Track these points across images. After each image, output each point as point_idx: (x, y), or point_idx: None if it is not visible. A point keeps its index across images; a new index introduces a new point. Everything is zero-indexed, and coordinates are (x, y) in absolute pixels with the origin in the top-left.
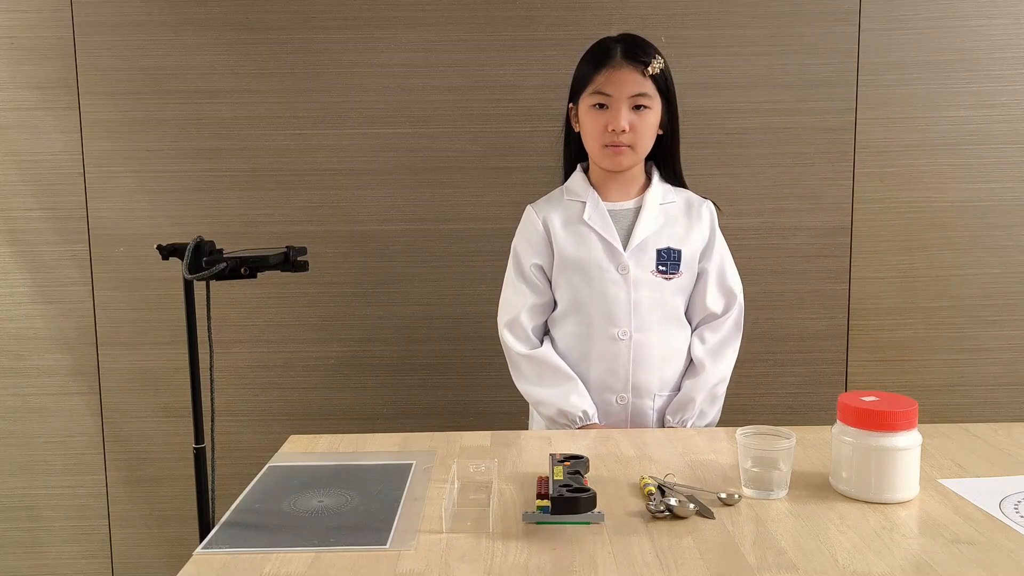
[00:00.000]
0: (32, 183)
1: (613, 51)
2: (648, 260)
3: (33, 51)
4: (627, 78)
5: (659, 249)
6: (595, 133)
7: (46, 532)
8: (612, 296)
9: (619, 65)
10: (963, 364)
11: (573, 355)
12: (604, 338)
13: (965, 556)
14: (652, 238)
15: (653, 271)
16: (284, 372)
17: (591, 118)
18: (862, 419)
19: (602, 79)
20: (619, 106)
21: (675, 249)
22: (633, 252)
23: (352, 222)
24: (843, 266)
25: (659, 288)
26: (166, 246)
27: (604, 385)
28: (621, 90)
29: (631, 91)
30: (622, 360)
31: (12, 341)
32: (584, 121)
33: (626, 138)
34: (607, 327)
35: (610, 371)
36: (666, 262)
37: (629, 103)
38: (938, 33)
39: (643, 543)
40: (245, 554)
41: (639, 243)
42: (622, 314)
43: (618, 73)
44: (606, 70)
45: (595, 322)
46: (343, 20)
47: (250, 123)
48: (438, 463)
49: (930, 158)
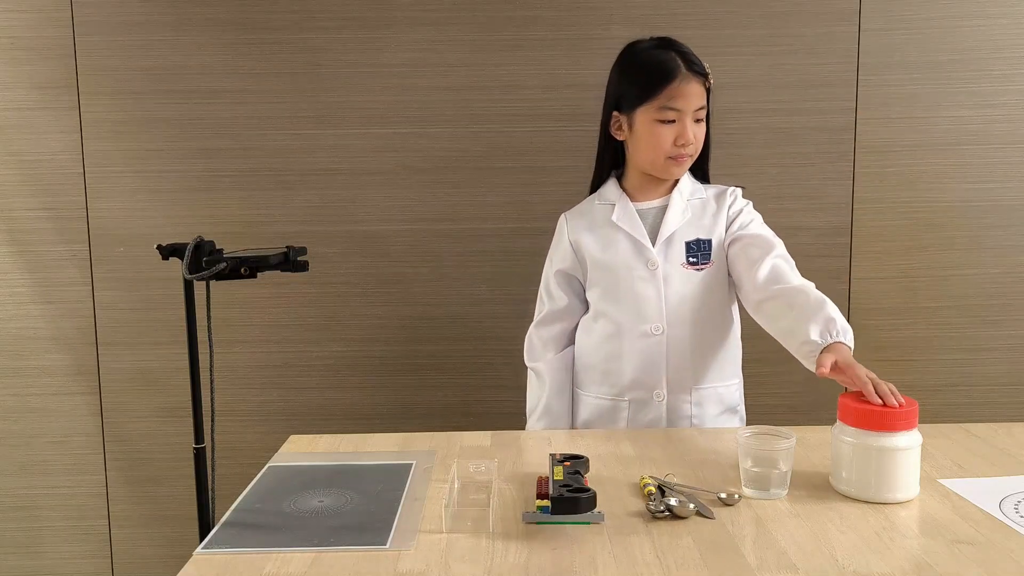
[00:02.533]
0: (32, 183)
1: (675, 64)
2: (677, 253)
3: (33, 51)
4: (694, 92)
5: (688, 241)
6: (659, 146)
7: (46, 532)
8: (642, 293)
9: (687, 79)
10: (963, 364)
11: (604, 355)
12: (635, 335)
13: (965, 556)
14: (680, 231)
15: (683, 264)
16: (284, 372)
17: (655, 131)
18: (862, 419)
19: (672, 93)
20: (686, 119)
21: (704, 239)
22: (661, 247)
23: (352, 222)
24: (843, 266)
25: (690, 281)
26: (166, 246)
27: (638, 383)
28: (688, 104)
29: (696, 104)
30: (655, 356)
31: (12, 341)
32: (644, 132)
33: (690, 149)
34: (638, 324)
35: (643, 368)
36: (696, 253)
37: (693, 115)
38: (938, 33)
39: (643, 543)
40: (245, 554)
41: (667, 237)
42: (653, 310)
43: (687, 87)
44: (675, 84)
45: (626, 320)
46: (343, 20)
47: (250, 123)
48: (438, 463)
49: (930, 158)
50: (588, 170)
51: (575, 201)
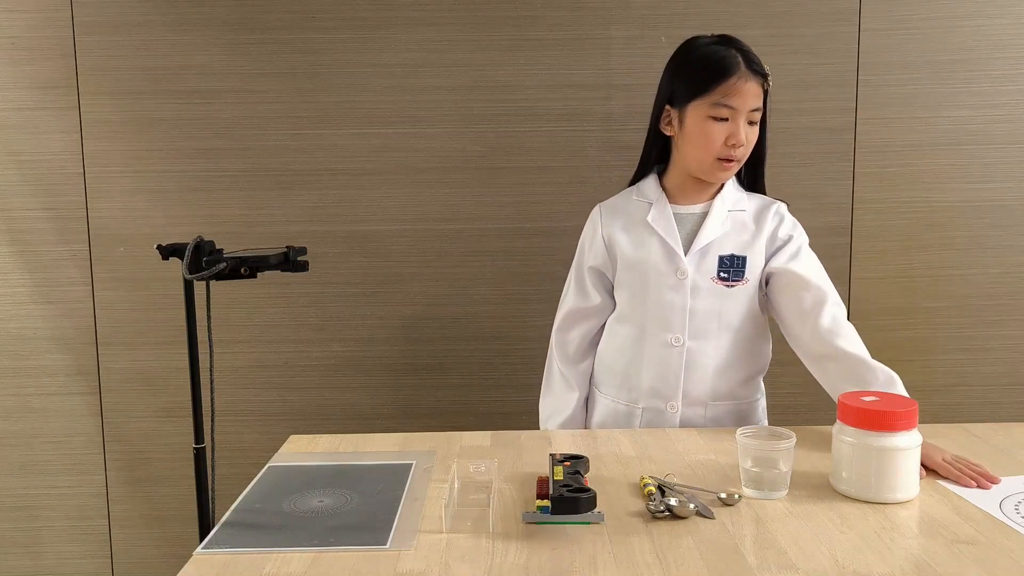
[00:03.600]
0: (32, 183)
1: (735, 60)
2: (709, 266)
3: (33, 51)
4: (751, 91)
5: (722, 256)
6: (709, 144)
7: (46, 532)
8: (668, 301)
9: (745, 77)
10: (963, 364)
11: (624, 359)
12: (657, 344)
13: (965, 556)
14: (716, 244)
15: (714, 278)
16: (284, 372)
17: (707, 128)
18: (862, 419)
19: (728, 90)
20: (740, 119)
21: (739, 256)
22: (693, 256)
23: (352, 222)
24: (843, 266)
25: (719, 296)
26: (166, 246)
27: (655, 391)
28: (744, 103)
29: (752, 105)
30: (674, 367)
31: (12, 341)
32: (695, 129)
33: (740, 152)
34: (661, 332)
35: (661, 377)
36: (728, 269)
37: (747, 116)
38: (938, 33)
39: (643, 543)
40: (245, 554)
41: (701, 248)
42: (677, 320)
43: (745, 85)
44: (732, 80)
45: (649, 326)
46: (343, 20)
47: (250, 123)
48: (438, 463)
49: (930, 158)
50: (588, 170)
51: (575, 201)
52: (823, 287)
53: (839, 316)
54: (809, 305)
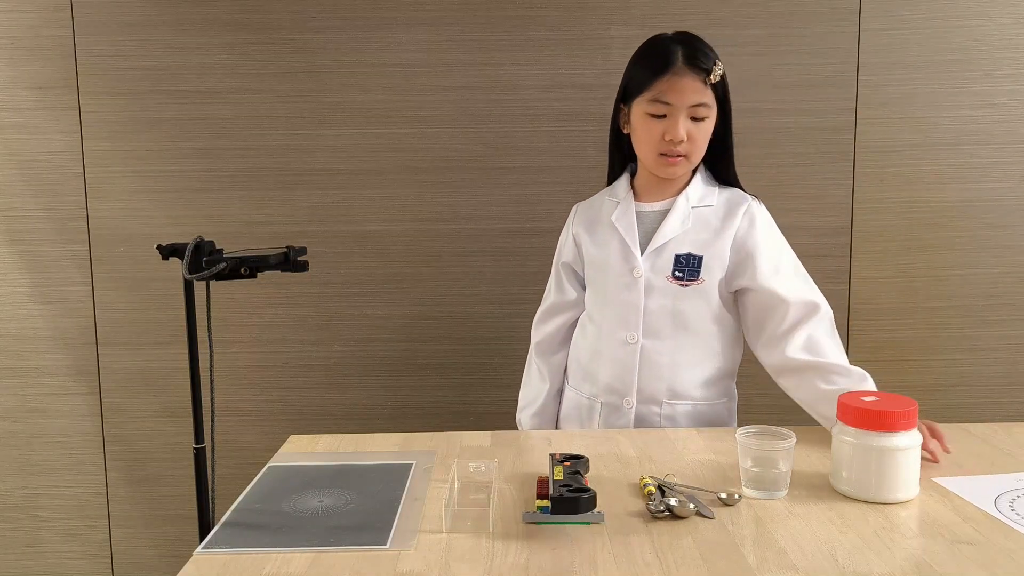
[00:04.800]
0: (32, 183)
1: (674, 56)
2: (664, 265)
3: (33, 51)
4: (688, 86)
5: (678, 255)
6: (650, 141)
7: (46, 532)
8: (623, 299)
9: (681, 72)
10: (963, 364)
11: (587, 354)
12: (613, 341)
13: (965, 556)
14: (674, 242)
15: (669, 277)
16: (284, 372)
17: (647, 125)
18: (862, 419)
19: (663, 86)
20: (678, 115)
21: (696, 255)
22: (649, 255)
23: (352, 222)
24: (843, 266)
25: (673, 295)
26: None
27: (611, 388)
28: (681, 99)
29: (691, 100)
30: (628, 364)
31: (12, 341)
32: (638, 127)
33: (683, 148)
34: (618, 330)
35: (617, 375)
36: (683, 268)
37: (688, 112)
38: (938, 33)
39: (643, 543)
40: (245, 554)
41: (658, 247)
42: (632, 318)
43: (680, 81)
44: (667, 76)
45: (607, 324)
46: (343, 20)
47: (250, 123)
48: (438, 463)
49: (930, 158)
50: (587, 170)
51: (574, 201)
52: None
53: (816, 335)
54: (779, 327)
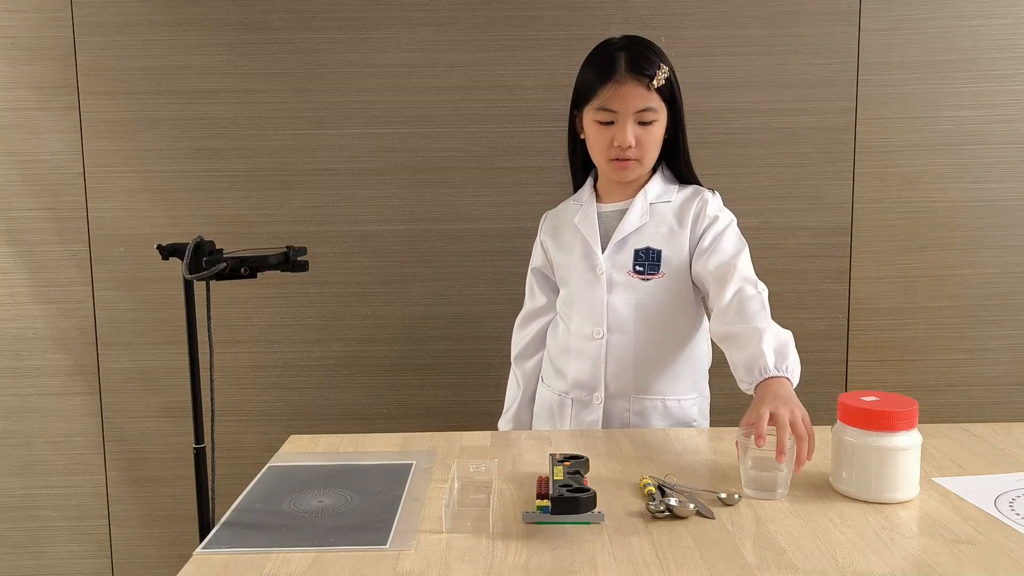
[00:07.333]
0: (32, 183)
1: (617, 63)
2: (625, 260)
3: (33, 51)
4: (632, 93)
5: (637, 249)
6: (600, 148)
7: (46, 532)
8: (588, 296)
9: (623, 80)
10: (963, 364)
11: (557, 351)
12: (581, 337)
13: (965, 556)
14: (633, 238)
15: (630, 272)
16: (284, 372)
17: (596, 132)
18: (862, 419)
19: (607, 94)
20: (625, 122)
21: (655, 249)
22: (610, 252)
23: (352, 222)
24: (843, 266)
25: (635, 289)
26: (166, 246)
27: (580, 383)
28: (626, 105)
29: (636, 107)
30: (596, 359)
31: (12, 341)
32: (590, 133)
33: (632, 152)
34: (585, 326)
35: (585, 370)
36: (643, 262)
37: (635, 118)
38: (938, 33)
39: (643, 543)
40: (245, 554)
41: (617, 242)
42: (597, 314)
43: (623, 88)
44: (611, 85)
45: (576, 321)
46: (343, 20)
47: (250, 123)
48: (438, 463)
49: (930, 158)
50: None
51: None
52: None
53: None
54: (717, 284)
